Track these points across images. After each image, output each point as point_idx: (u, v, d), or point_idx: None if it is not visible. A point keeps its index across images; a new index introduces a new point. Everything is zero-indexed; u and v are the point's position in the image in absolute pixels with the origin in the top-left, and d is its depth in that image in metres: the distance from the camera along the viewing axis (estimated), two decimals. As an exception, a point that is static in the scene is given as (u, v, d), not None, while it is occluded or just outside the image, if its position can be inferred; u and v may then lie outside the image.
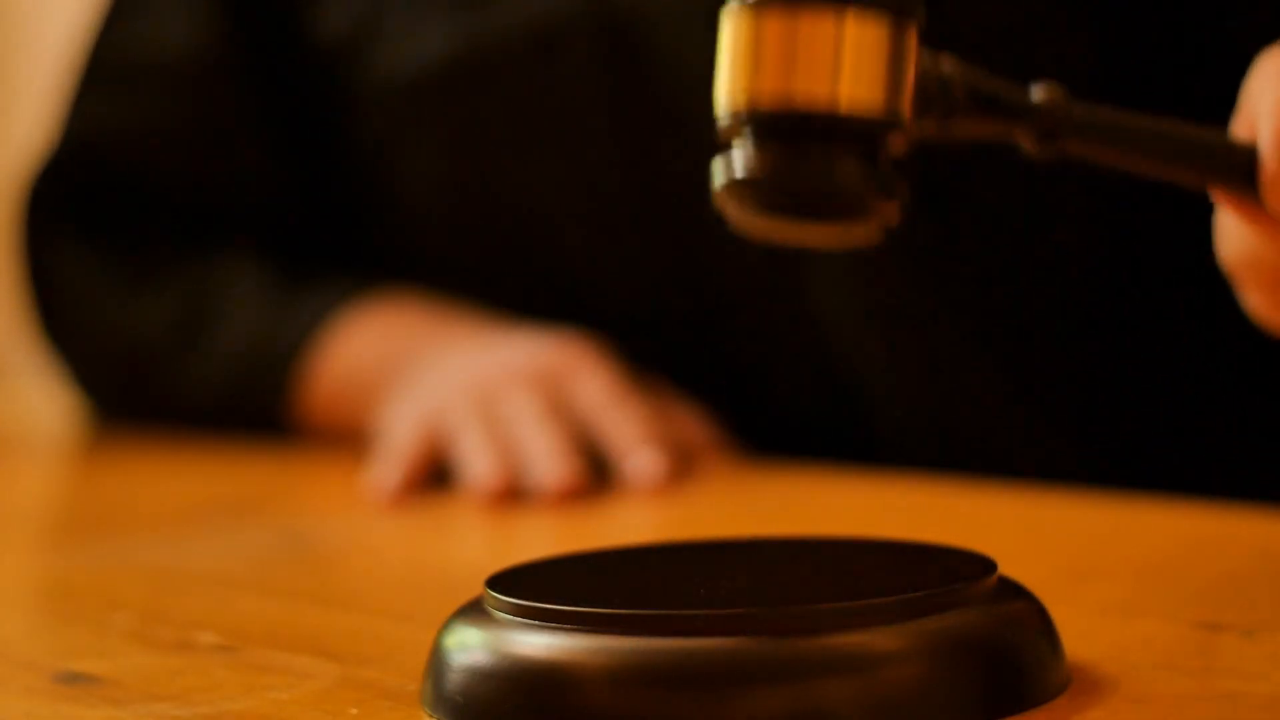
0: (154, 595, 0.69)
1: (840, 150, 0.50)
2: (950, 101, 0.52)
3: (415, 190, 1.09)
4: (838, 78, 0.49)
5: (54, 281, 1.15)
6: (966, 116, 0.53)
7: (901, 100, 0.50)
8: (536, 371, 0.92)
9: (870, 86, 0.49)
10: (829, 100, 0.49)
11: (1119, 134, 0.56)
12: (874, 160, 0.50)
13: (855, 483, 0.86)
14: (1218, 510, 0.72)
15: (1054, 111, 0.54)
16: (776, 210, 0.50)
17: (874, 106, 0.49)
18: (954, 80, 0.52)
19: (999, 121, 0.54)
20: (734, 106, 0.50)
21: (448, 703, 0.47)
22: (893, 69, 0.50)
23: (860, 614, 0.45)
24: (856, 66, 0.49)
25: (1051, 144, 0.54)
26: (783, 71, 0.49)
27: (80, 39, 1.16)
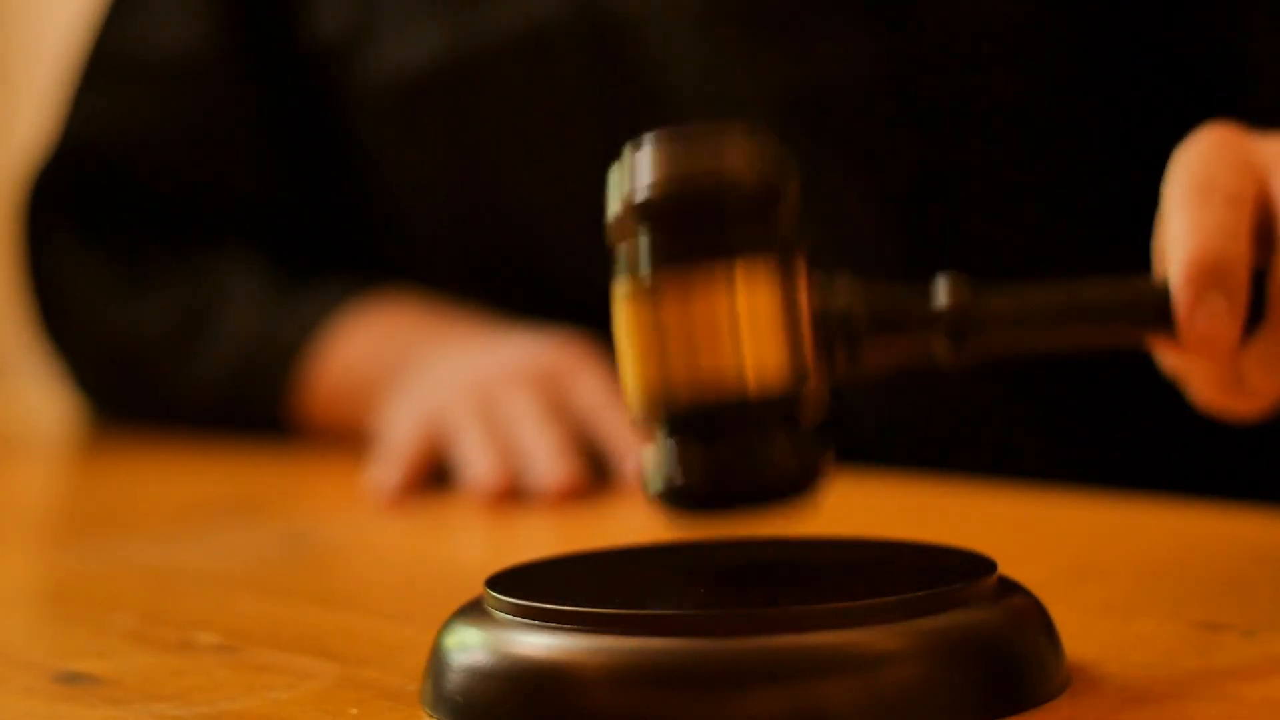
0: (154, 595, 0.69)
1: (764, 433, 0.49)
2: (853, 329, 0.52)
3: (410, 191, 1.09)
4: (743, 364, 0.49)
5: (54, 281, 1.15)
6: (874, 339, 0.52)
7: (806, 361, 0.50)
8: (536, 372, 0.92)
9: (778, 362, 0.49)
10: (737, 383, 0.49)
11: (1030, 314, 0.55)
12: (795, 428, 0.50)
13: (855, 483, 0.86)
14: (1218, 510, 0.72)
15: (959, 310, 0.53)
16: (715, 508, 0.50)
17: (781, 375, 0.49)
18: (853, 304, 0.52)
19: (907, 335, 0.53)
20: (649, 403, 0.50)
21: (448, 703, 0.47)
22: (792, 337, 0.49)
23: (860, 614, 0.45)
24: (759, 346, 0.49)
25: (963, 344, 0.53)
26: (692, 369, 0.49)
27: (80, 38, 1.16)
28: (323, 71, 1.09)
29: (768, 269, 0.49)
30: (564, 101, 1.01)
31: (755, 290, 0.49)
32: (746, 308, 0.49)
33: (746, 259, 0.49)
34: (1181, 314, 0.55)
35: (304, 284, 1.08)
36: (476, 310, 1.05)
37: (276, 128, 1.13)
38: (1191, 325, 0.55)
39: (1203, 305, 0.54)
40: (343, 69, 1.08)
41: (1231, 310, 0.55)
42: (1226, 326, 0.55)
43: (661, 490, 0.50)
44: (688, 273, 0.48)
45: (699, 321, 0.49)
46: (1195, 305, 0.54)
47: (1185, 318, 0.55)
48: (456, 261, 1.08)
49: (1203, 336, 0.55)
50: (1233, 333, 0.55)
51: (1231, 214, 0.56)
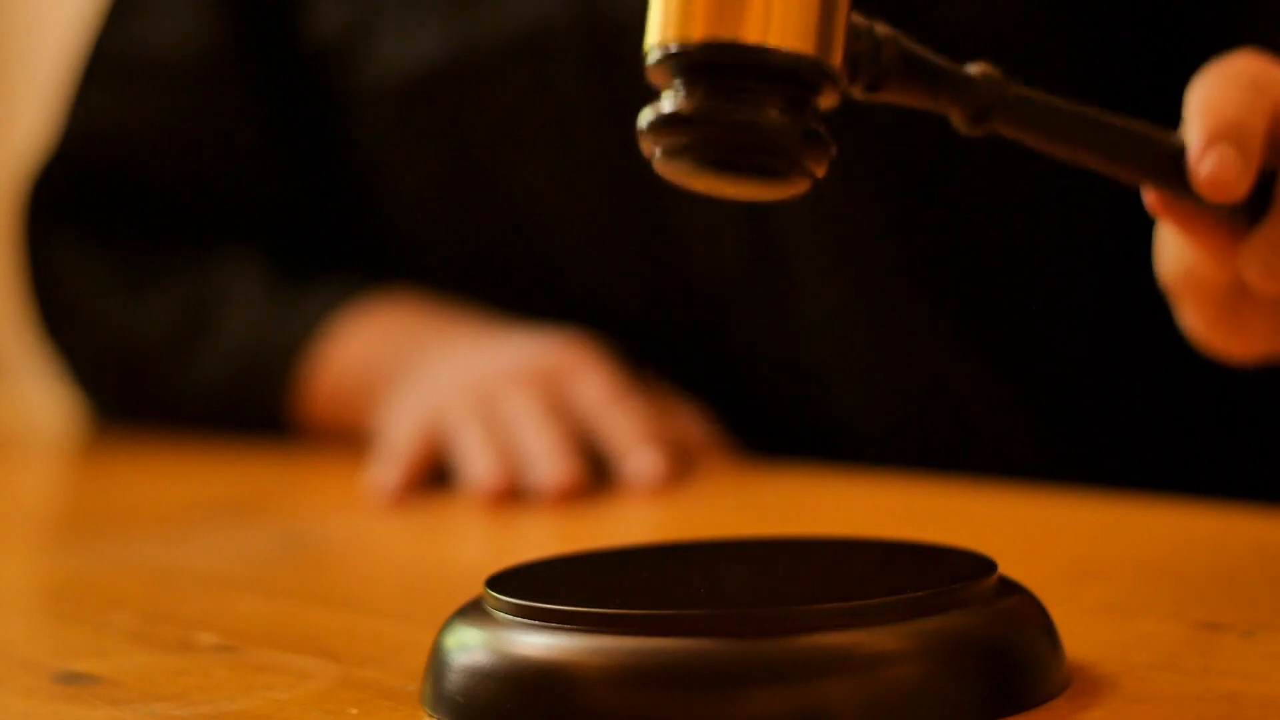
0: (154, 595, 0.69)
1: (770, 96, 0.49)
2: (882, 65, 0.52)
3: (410, 190, 1.09)
4: (768, 21, 0.48)
5: (54, 281, 1.15)
6: (898, 83, 0.52)
7: (832, 51, 0.50)
8: (536, 371, 0.92)
9: (801, 33, 0.49)
10: (759, 42, 0.48)
11: (1051, 120, 0.55)
12: (803, 110, 0.50)
13: (855, 483, 0.86)
14: (1217, 510, 0.72)
15: (988, 89, 0.54)
16: (702, 153, 0.50)
17: (804, 52, 0.49)
18: (887, 44, 0.52)
19: (931, 93, 0.53)
20: (663, 46, 0.50)
21: (448, 703, 0.47)
22: (824, 19, 0.49)
23: (860, 614, 0.45)
24: (787, 11, 0.49)
25: (982, 122, 0.54)
26: (714, 13, 0.49)
27: (80, 38, 1.16)
28: (322, 71, 1.09)
29: None
30: (563, 102, 1.01)
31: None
32: None
33: None
34: (1193, 158, 0.55)
35: (304, 284, 1.08)
36: (476, 310, 1.05)
37: (277, 128, 1.13)
38: (1201, 169, 0.55)
39: (1213, 151, 0.55)
40: (342, 69, 1.08)
41: (1242, 162, 0.55)
42: (1235, 174, 0.55)
43: (656, 120, 0.50)
44: None
45: None
46: (1207, 149, 0.55)
47: (1196, 161, 0.55)
48: (456, 261, 1.08)
49: (1212, 180, 0.55)
50: (1241, 184, 0.55)
51: (1252, 94, 0.57)
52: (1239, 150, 0.55)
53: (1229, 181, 0.55)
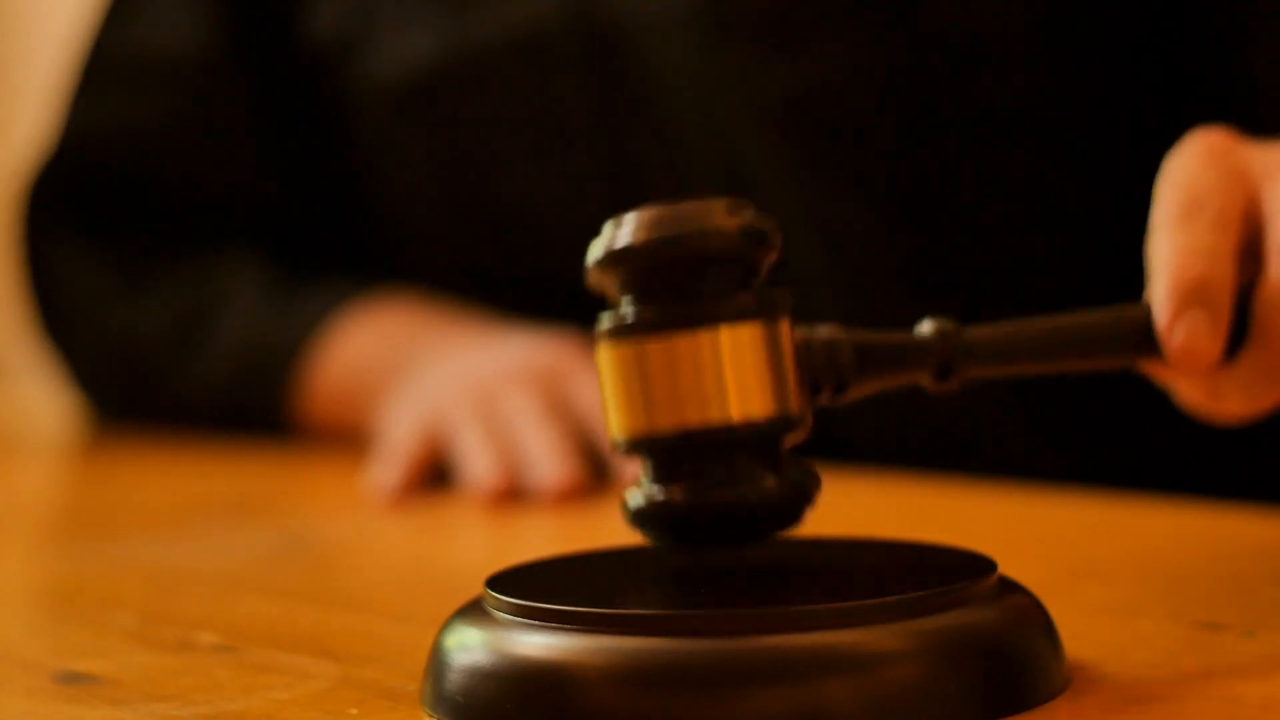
0: (154, 595, 0.69)
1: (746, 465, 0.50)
2: (840, 369, 0.52)
3: (408, 191, 1.09)
4: (727, 399, 0.49)
5: (54, 281, 1.15)
6: (860, 377, 0.53)
7: (790, 399, 0.50)
8: (536, 371, 0.92)
9: (760, 399, 0.49)
10: (723, 420, 0.49)
11: (1015, 347, 0.56)
12: (778, 463, 0.50)
13: (855, 483, 0.86)
14: (1218, 510, 0.72)
15: (944, 347, 0.54)
16: (700, 539, 0.50)
17: (767, 414, 0.49)
18: (838, 350, 0.52)
19: (893, 374, 0.54)
20: (632, 438, 0.50)
21: (448, 703, 0.47)
22: (776, 376, 0.50)
23: (860, 614, 0.45)
24: (742, 385, 0.49)
25: (950, 376, 0.54)
26: (675, 403, 0.49)
27: (80, 39, 1.16)
28: (320, 72, 1.09)
29: (751, 322, 0.49)
30: (560, 103, 1.01)
31: (739, 340, 0.49)
32: (731, 356, 0.49)
33: (730, 311, 0.49)
34: (1162, 329, 0.55)
35: (304, 284, 1.08)
36: (476, 310, 1.05)
37: (275, 128, 1.13)
38: (1172, 339, 0.55)
39: (1183, 320, 0.55)
40: (340, 70, 1.08)
41: (1213, 325, 0.55)
42: (1207, 341, 0.55)
43: (641, 519, 0.50)
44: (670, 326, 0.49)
45: (683, 364, 0.49)
46: (1175, 321, 0.55)
47: (1166, 332, 0.55)
48: (455, 261, 1.08)
49: (1183, 350, 0.55)
50: (1214, 348, 0.55)
51: (1216, 236, 0.56)
52: (1208, 312, 0.55)
53: (1201, 349, 0.55)
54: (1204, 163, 0.58)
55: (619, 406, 0.50)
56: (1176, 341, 0.55)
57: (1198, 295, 0.55)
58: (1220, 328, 0.55)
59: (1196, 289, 0.55)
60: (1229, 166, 0.58)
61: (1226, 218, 0.56)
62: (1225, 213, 0.56)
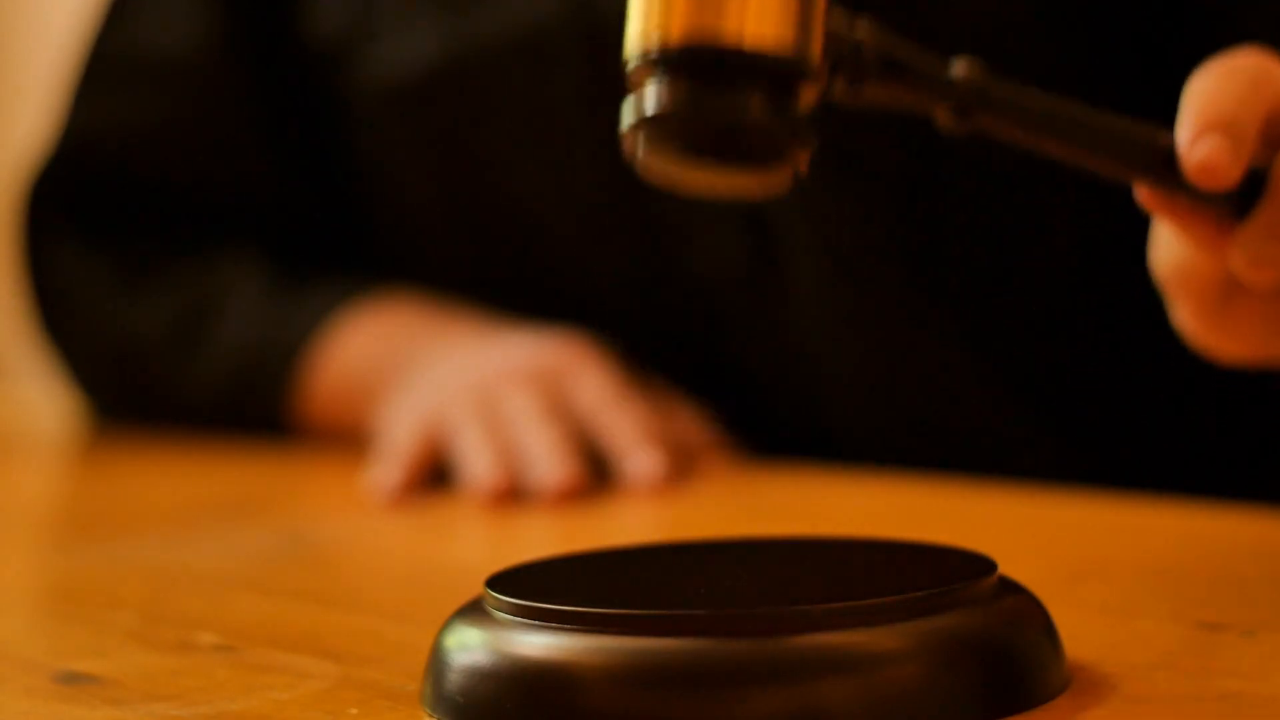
0: (154, 595, 0.69)
1: (751, 88, 0.49)
2: (862, 65, 0.52)
3: (409, 191, 1.09)
4: (746, 18, 0.49)
5: (54, 281, 1.15)
6: (879, 82, 0.52)
7: (811, 48, 0.50)
8: (536, 371, 0.92)
9: (780, 29, 0.49)
10: (737, 38, 0.49)
11: (1037, 115, 0.55)
12: (784, 105, 0.50)
13: (855, 483, 0.86)
14: (1218, 510, 0.72)
15: (970, 87, 0.53)
16: (685, 147, 0.50)
17: (783, 48, 0.49)
18: (867, 44, 0.52)
19: (913, 92, 0.53)
20: (644, 46, 0.50)
21: (448, 703, 0.47)
22: (802, 16, 0.49)
23: (860, 614, 0.45)
24: (765, 8, 0.49)
25: (966, 120, 0.54)
26: (693, 12, 0.49)
27: (80, 38, 1.16)
28: (321, 72, 1.09)
29: None
30: (561, 104, 1.01)
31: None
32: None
33: None
34: (1183, 145, 0.55)
35: (304, 284, 1.08)
36: (476, 310, 1.05)
37: (276, 128, 1.13)
38: (1192, 155, 0.55)
39: (1205, 139, 0.55)
40: (341, 70, 1.08)
41: (1234, 149, 0.55)
42: (1228, 158, 0.55)
43: (639, 120, 0.50)
44: None
45: None
46: (1198, 138, 0.55)
47: (1187, 148, 0.55)
48: (456, 261, 1.08)
49: (1202, 166, 0.54)
50: (1232, 169, 0.55)
51: (1247, 90, 0.56)
52: (1230, 138, 0.55)
53: (1220, 167, 0.55)
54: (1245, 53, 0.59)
55: (639, 14, 0.50)
56: (1197, 155, 0.54)
57: (1222, 124, 0.55)
58: (1241, 154, 0.55)
59: (1222, 118, 0.55)
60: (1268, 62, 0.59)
61: (1261, 82, 0.57)
62: (1260, 79, 0.57)
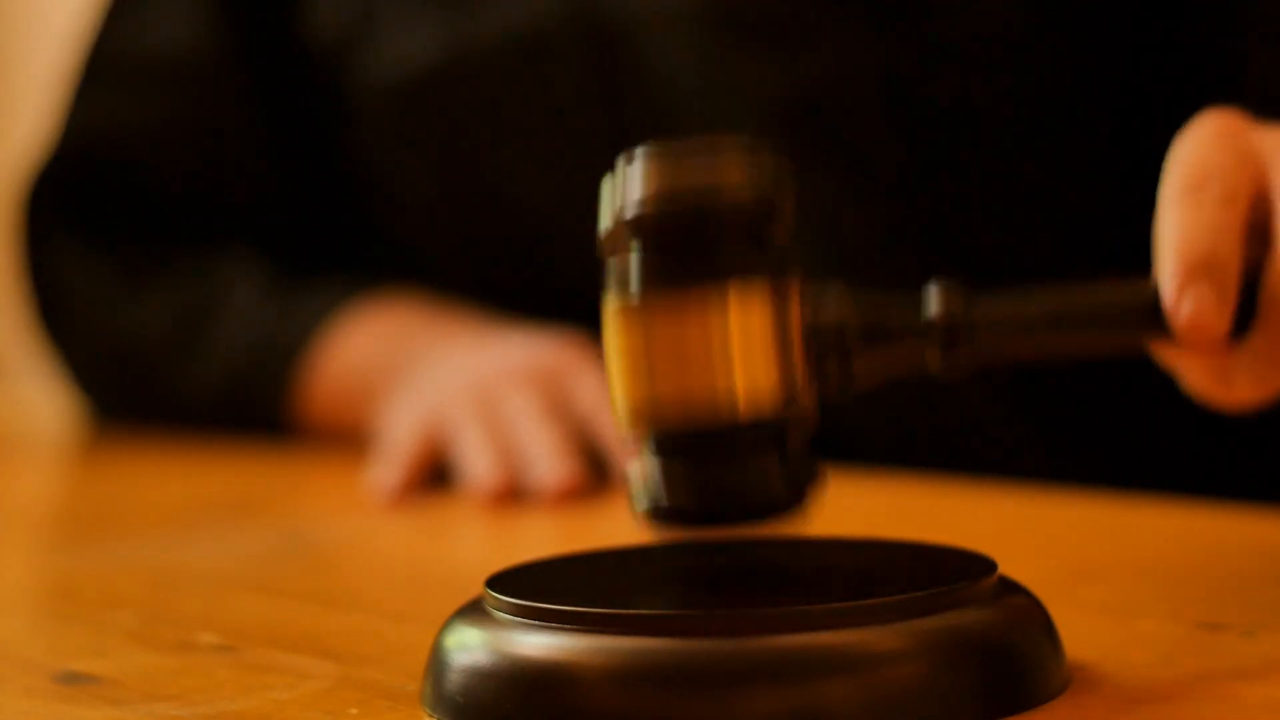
0: (154, 595, 0.69)
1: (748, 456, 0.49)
2: (845, 343, 0.51)
3: (408, 191, 1.09)
4: (733, 383, 0.48)
5: (53, 281, 1.15)
6: (866, 351, 0.52)
7: (796, 379, 0.49)
8: (536, 371, 0.92)
9: (764, 375, 0.48)
10: (728, 404, 0.48)
11: (1023, 321, 0.55)
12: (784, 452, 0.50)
13: (855, 483, 0.86)
14: (1218, 510, 0.72)
15: (951, 318, 0.53)
16: (699, 526, 0.50)
17: (772, 396, 0.48)
18: (845, 317, 0.51)
19: (899, 345, 0.53)
20: (637, 421, 0.49)
21: (448, 703, 0.47)
22: (782, 344, 0.49)
23: (860, 614, 0.45)
24: (747, 357, 0.48)
25: (955, 352, 0.53)
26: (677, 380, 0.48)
27: (80, 38, 1.16)
28: (321, 71, 1.09)
29: (761, 289, 0.48)
30: (561, 103, 1.01)
31: (748, 312, 0.48)
32: (739, 329, 0.48)
33: (740, 280, 0.48)
34: (1168, 303, 0.55)
35: (304, 284, 1.08)
36: (476, 310, 1.05)
37: (276, 128, 1.13)
38: (1179, 313, 0.54)
39: (1189, 294, 0.54)
40: (341, 69, 1.08)
41: (1219, 299, 0.54)
42: (1214, 314, 0.54)
43: (648, 509, 0.50)
44: (679, 293, 0.48)
45: (690, 342, 0.48)
46: (1182, 295, 0.54)
47: (1173, 306, 0.54)
48: (455, 260, 1.08)
49: (1190, 325, 0.54)
50: (1221, 322, 0.55)
51: (1223, 213, 0.56)
52: (1214, 286, 0.54)
53: (1208, 323, 0.54)
54: (1213, 142, 0.58)
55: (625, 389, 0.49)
56: (1183, 315, 0.54)
57: (1204, 269, 0.54)
58: (1227, 302, 0.55)
59: (1202, 263, 0.54)
60: (1238, 146, 0.58)
61: (1233, 195, 0.56)
62: (1232, 190, 0.56)
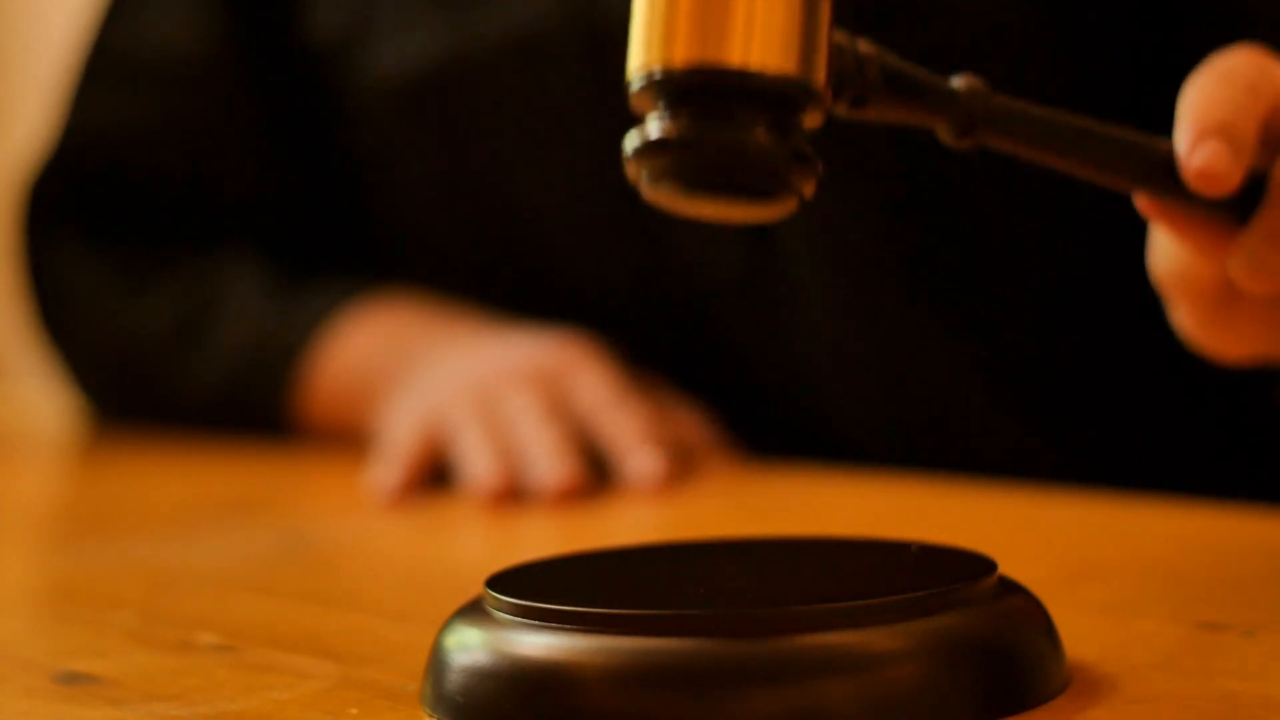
0: (154, 595, 0.69)
1: (754, 117, 0.49)
2: (866, 82, 0.52)
3: (408, 191, 1.09)
4: (750, 43, 0.48)
5: (54, 281, 1.15)
6: (882, 99, 0.52)
7: (815, 70, 0.49)
8: (536, 371, 0.92)
9: (784, 54, 0.49)
10: (742, 64, 0.48)
11: (1037, 129, 0.55)
12: (789, 131, 0.50)
13: (855, 483, 0.86)
14: (1218, 510, 0.72)
15: (972, 101, 0.54)
16: (689, 180, 0.50)
17: (787, 73, 0.49)
18: (870, 61, 0.52)
19: (915, 108, 0.53)
20: (646, 71, 0.49)
21: (448, 703, 0.47)
22: (806, 38, 0.49)
23: (860, 614, 0.45)
24: (769, 33, 0.48)
25: (969, 135, 0.54)
26: (696, 37, 0.48)
27: (80, 38, 1.16)
28: (321, 71, 1.09)
29: None
30: (559, 104, 1.01)
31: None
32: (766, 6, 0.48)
33: None
34: (1182, 152, 0.55)
35: (304, 284, 1.08)
36: (477, 310, 1.05)
37: (276, 128, 1.13)
38: (1192, 161, 0.55)
39: (1204, 145, 0.55)
40: (340, 70, 1.08)
41: (1233, 154, 0.55)
42: (1227, 164, 0.55)
43: (642, 146, 0.50)
44: None
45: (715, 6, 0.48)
46: (1197, 144, 0.55)
47: (1186, 154, 0.55)
48: (456, 262, 1.08)
49: (1201, 172, 0.55)
50: (1233, 174, 0.55)
51: (1245, 96, 0.56)
52: (1229, 143, 0.55)
53: (1220, 173, 0.55)
54: (1241, 54, 0.59)
55: (642, 37, 0.49)
56: (1196, 162, 0.55)
57: (1220, 130, 0.55)
58: (1240, 160, 0.55)
59: (1220, 125, 0.55)
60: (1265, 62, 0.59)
61: (1258, 86, 0.57)
62: (1258, 83, 0.57)
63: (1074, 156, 0.56)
